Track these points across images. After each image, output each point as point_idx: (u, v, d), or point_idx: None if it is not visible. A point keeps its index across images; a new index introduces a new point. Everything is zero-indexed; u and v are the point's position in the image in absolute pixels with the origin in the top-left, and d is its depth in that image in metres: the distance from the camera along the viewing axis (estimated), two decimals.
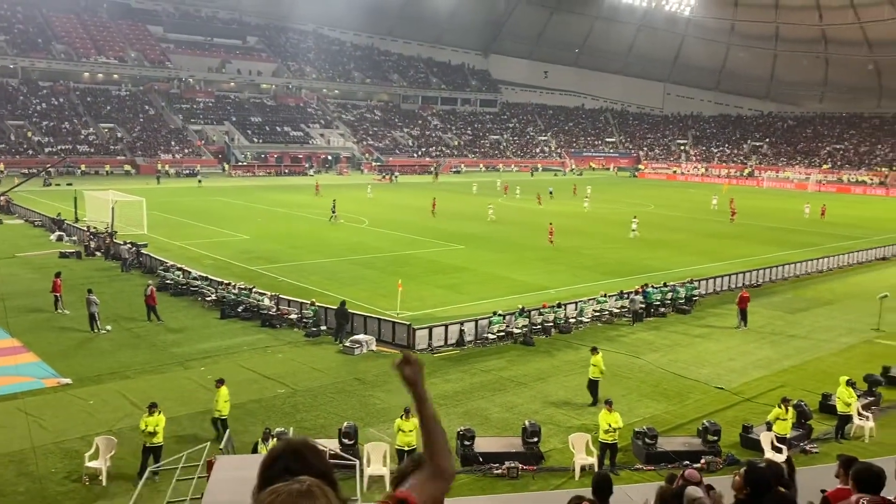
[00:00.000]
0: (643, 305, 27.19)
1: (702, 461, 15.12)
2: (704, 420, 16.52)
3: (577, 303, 26.57)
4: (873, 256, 40.63)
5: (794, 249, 41.07)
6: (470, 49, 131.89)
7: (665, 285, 28.86)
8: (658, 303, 27.89)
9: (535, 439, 15.57)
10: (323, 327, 24.48)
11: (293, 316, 25.25)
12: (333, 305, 24.50)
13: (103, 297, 25.94)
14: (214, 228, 44.44)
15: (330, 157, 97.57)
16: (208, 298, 27.65)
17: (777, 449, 15.30)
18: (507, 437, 16.28)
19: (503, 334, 23.97)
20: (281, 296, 26.51)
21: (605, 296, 27.20)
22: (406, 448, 14.64)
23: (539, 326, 24.77)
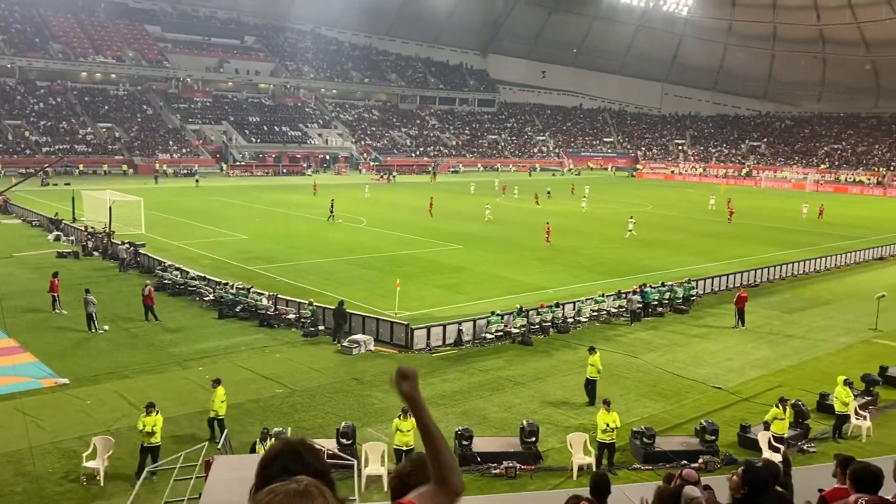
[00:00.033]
0: (641, 305, 27.22)
1: (699, 461, 15.15)
2: (702, 420, 16.54)
3: (575, 302, 26.58)
4: (871, 256, 40.68)
5: (792, 249, 41.13)
6: (468, 49, 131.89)
7: (663, 285, 28.88)
8: (656, 303, 27.92)
9: (533, 439, 15.58)
10: (321, 327, 24.46)
11: (291, 316, 25.23)
12: (332, 305, 24.51)
13: (101, 297, 25.89)
14: (212, 228, 44.41)
15: (328, 157, 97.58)
16: (206, 298, 27.63)
17: (775, 448, 15.32)
18: (505, 437, 16.29)
19: (501, 334, 23.99)
20: (279, 296, 26.48)
21: (602, 295, 27.21)
22: (404, 448, 14.64)
23: (537, 326, 24.79)
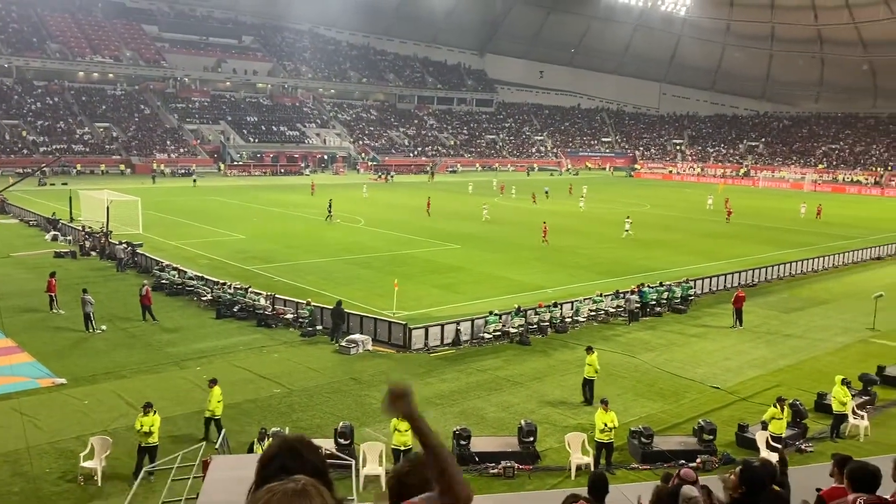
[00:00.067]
0: (639, 305, 27.23)
1: (697, 460, 15.16)
2: (700, 419, 16.52)
3: (573, 302, 26.58)
4: (868, 256, 40.73)
5: (790, 249, 41.16)
6: (466, 49, 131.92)
7: (661, 285, 28.89)
8: (654, 302, 27.92)
9: (532, 439, 15.57)
10: (319, 327, 24.44)
11: (289, 316, 25.21)
12: (329, 305, 24.49)
13: (98, 296, 25.83)
14: (210, 228, 44.36)
15: (326, 157, 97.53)
16: (204, 298, 27.59)
17: (773, 448, 15.32)
18: (504, 437, 16.28)
19: (499, 334, 23.99)
20: (277, 295, 26.46)
21: (601, 295, 27.21)
22: (402, 448, 14.61)
23: (535, 326, 24.78)
